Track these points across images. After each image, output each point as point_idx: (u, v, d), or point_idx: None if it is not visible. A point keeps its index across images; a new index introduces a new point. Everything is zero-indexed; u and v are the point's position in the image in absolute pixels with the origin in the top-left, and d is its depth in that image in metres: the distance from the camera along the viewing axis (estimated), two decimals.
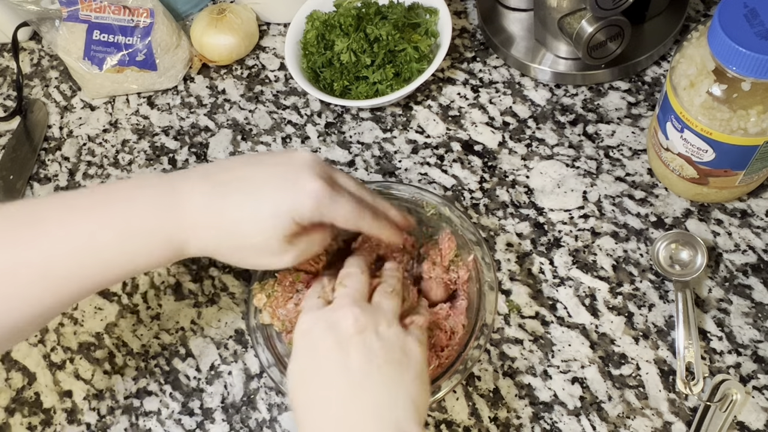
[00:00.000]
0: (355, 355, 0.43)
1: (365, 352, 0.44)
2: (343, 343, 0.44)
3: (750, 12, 0.47)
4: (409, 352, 0.45)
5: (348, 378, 0.43)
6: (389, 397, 0.43)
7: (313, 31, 0.73)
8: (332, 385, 0.43)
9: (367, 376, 0.43)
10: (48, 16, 0.79)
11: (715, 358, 0.56)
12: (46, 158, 0.80)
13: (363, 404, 0.43)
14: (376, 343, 0.44)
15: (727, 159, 0.54)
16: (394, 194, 0.62)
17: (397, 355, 0.44)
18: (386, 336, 0.45)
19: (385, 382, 0.43)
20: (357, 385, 0.43)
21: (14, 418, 0.65)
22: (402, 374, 0.44)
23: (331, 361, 0.44)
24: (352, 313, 0.45)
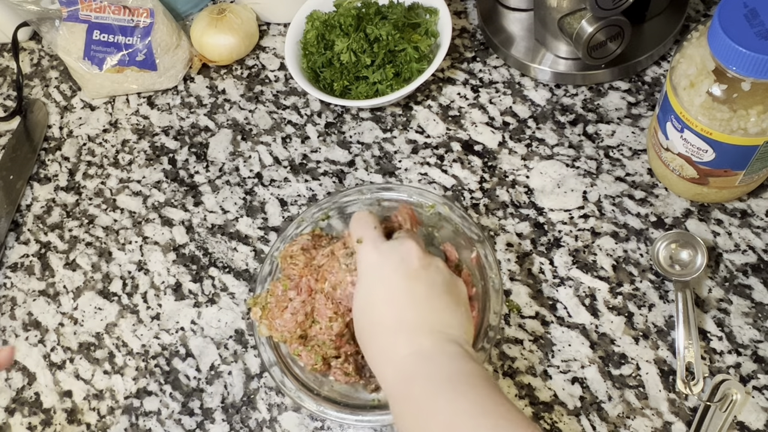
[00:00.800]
0: (422, 286, 0.49)
1: (430, 283, 0.49)
2: (411, 275, 0.49)
3: (750, 12, 0.47)
4: (461, 291, 0.51)
5: (415, 302, 0.48)
6: (448, 316, 0.48)
7: (313, 31, 0.73)
8: (404, 307, 0.48)
9: (430, 300, 0.48)
10: (48, 16, 0.79)
11: (715, 358, 0.56)
12: (46, 158, 0.80)
13: (428, 320, 0.47)
14: (437, 276, 0.50)
15: (727, 159, 0.54)
16: (393, 197, 0.61)
17: (453, 289, 0.50)
18: (444, 272, 0.51)
19: (444, 307, 0.49)
20: (423, 306, 0.48)
21: (14, 418, 0.65)
22: (457, 305, 0.49)
23: (402, 289, 0.48)
24: (416, 250, 0.50)
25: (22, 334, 0.69)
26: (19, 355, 0.68)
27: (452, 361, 0.45)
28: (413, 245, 0.50)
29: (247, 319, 0.65)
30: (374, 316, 0.49)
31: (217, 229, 0.71)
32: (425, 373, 0.45)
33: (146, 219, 0.73)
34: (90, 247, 0.72)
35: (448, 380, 0.44)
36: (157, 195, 0.74)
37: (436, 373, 0.44)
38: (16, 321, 0.70)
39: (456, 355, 0.45)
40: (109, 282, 0.70)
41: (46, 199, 0.77)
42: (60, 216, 0.75)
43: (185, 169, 0.75)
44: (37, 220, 0.75)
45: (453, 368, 0.45)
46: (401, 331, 0.47)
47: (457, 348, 0.46)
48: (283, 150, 0.74)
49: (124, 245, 0.72)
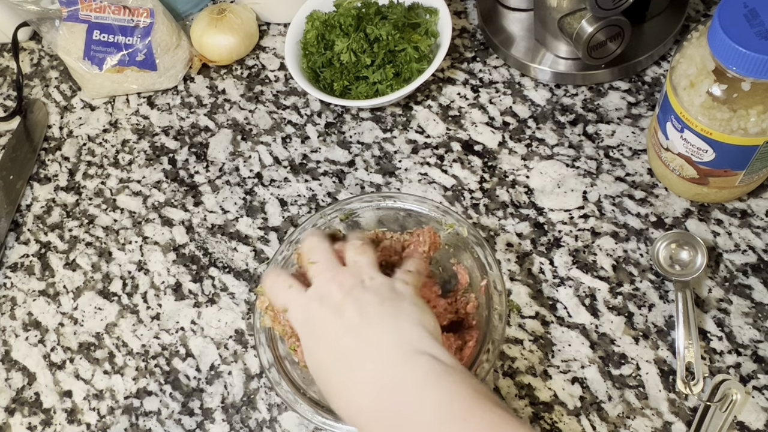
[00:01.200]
0: (351, 313, 0.45)
1: (358, 306, 0.45)
2: (337, 309, 0.45)
3: (750, 12, 0.47)
4: (397, 289, 0.47)
5: (353, 333, 0.44)
6: (394, 327, 0.44)
7: (313, 31, 0.73)
8: (343, 346, 0.44)
9: (368, 322, 0.45)
10: (48, 16, 0.79)
11: (715, 358, 0.56)
12: (46, 158, 0.80)
13: (376, 345, 0.44)
14: (364, 294, 0.46)
15: (727, 159, 0.54)
16: (412, 209, 0.60)
17: (387, 294, 0.46)
18: (372, 285, 0.47)
19: (385, 319, 0.45)
20: (362, 334, 0.44)
21: (14, 418, 0.65)
22: (398, 306, 0.45)
23: (334, 329, 0.45)
24: (335, 281, 0.47)
25: (22, 334, 0.69)
26: (19, 355, 0.68)
27: (422, 375, 0.41)
28: (329, 276, 0.47)
29: (247, 319, 0.65)
30: (326, 375, 0.45)
31: (217, 229, 0.71)
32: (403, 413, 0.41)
33: (146, 219, 0.73)
34: (90, 247, 0.72)
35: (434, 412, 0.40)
36: (157, 195, 0.74)
37: (411, 408, 0.41)
38: (16, 321, 0.70)
39: (423, 365, 0.42)
40: (109, 282, 0.70)
41: (46, 199, 0.77)
42: (60, 216, 0.75)
43: (185, 169, 0.75)
44: (37, 220, 0.75)
45: (423, 382, 0.41)
46: (350, 377, 0.43)
47: (420, 358, 0.42)
48: (283, 150, 0.74)
49: (124, 245, 0.72)
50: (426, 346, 0.43)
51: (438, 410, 0.40)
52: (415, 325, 0.44)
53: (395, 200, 0.60)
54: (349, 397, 0.44)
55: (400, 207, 0.60)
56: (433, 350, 0.43)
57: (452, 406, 0.40)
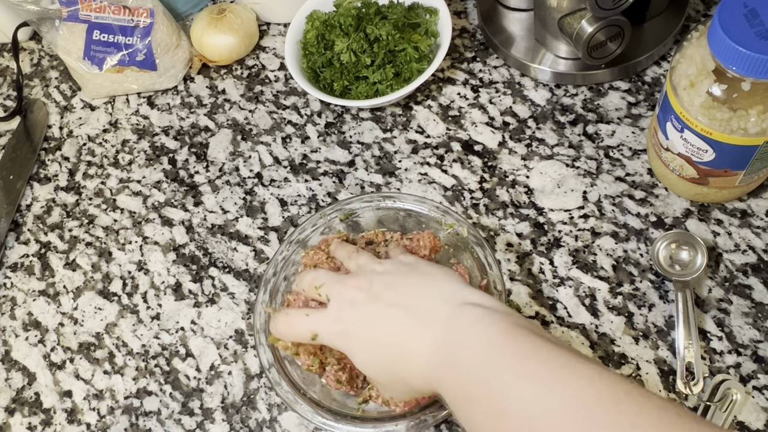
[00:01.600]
0: (386, 294, 0.45)
1: (388, 287, 0.45)
2: (368, 303, 0.45)
3: (750, 12, 0.47)
4: (408, 262, 0.48)
5: (397, 306, 0.44)
6: (430, 289, 0.44)
7: (313, 31, 0.73)
8: (393, 322, 0.44)
9: (400, 296, 0.45)
10: (48, 16, 0.79)
11: (715, 358, 0.56)
12: (46, 158, 0.80)
13: (413, 315, 0.43)
14: (385, 278, 0.46)
15: (727, 159, 0.54)
16: (412, 210, 0.60)
17: (403, 269, 0.47)
18: (385, 269, 0.47)
19: (415, 288, 0.45)
20: (405, 304, 0.44)
21: (14, 418, 0.65)
22: (420, 273, 0.46)
23: (377, 315, 0.45)
24: (351, 286, 0.47)
25: (22, 334, 0.69)
26: (19, 355, 0.68)
27: (471, 325, 0.40)
28: (344, 285, 0.47)
29: (247, 319, 0.65)
30: (385, 366, 0.45)
31: (217, 229, 0.71)
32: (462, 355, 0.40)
33: (146, 219, 0.73)
34: (90, 247, 0.72)
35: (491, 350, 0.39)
36: (157, 195, 0.74)
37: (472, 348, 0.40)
38: (16, 321, 0.70)
39: (471, 316, 0.41)
40: (109, 282, 0.70)
41: (46, 199, 0.77)
42: (60, 216, 0.75)
43: (185, 169, 0.75)
44: (37, 220, 0.75)
45: (475, 331, 0.40)
46: (408, 346, 0.43)
47: (465, 309, 0.41)
48: (283, 150, 0.74)
49: (124, 245, 0.72)
50: (465, 296, 0.43)
51: (487, 346, 0.39)
52: (444, 281, 0.44)
53: (395, 200, 0.60)
54: (411, 365, 0.43)
55: (400, 207, 0.60)
56: (471, 298, 0.43)
57: (496, 341, 0.39)
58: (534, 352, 0.37)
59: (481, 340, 0.39)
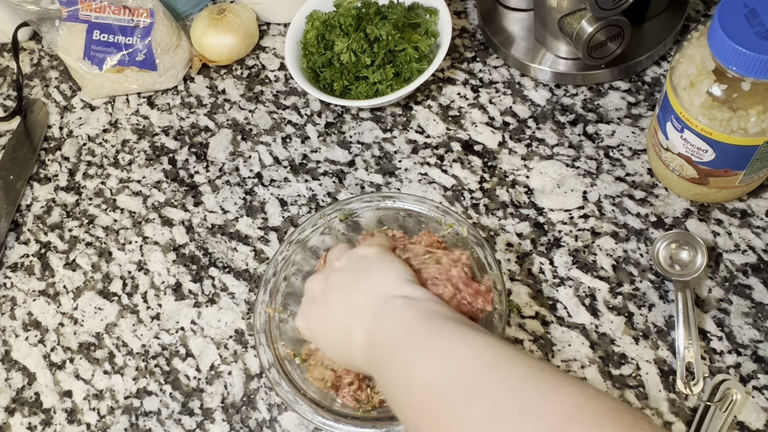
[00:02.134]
0: (331, 295, 0.49)
1: (335, 287, 0.50)
2: (322, 300, 0.50)
3: (750, 12, 0.47)
4: (364, 255, 0.51)
5: (336, 312, 0.49)
6: (366, 287, 0.48)
7: (313, 31, 0.73)
8: (331, 322, 0.49)
9: (346, 295, 0.49)
10: (48, 16, 0.79)
11: (715, 358, 0.56)
12: (46, 158, 0.80)
13: (356, 307, 0.47)
14: (336, 276, 0.50)
15: (727, 159, 0.54)
16: (411, 209, 0.60)
17: (355, 265, 0.50)
18: (341, 265, 0.51)
19: (359, 284, 0.48)
20: (344, 305, 0.48)
21: (14, 418, 0.65)
22: (366, 268, 0.49)
23: (324, 315, 0.50)
24: (316, 280, 0.52)
25: (22, 334, 0.69)
26: (19, 355, 0.68)
27: (395, 319, 0.44)
28: (313, 280, 0.52)
29: (247, 319, 0.65)
30: (340, 355, 0.49)
31: (217, 229, 0.71)
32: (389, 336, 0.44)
33: (146, 219, 0.73)
34: (90, 247, 0.72)
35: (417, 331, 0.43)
36: (157, 195, 0.74)
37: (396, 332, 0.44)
38: (16, 321, 0.70)
39: (395, 309, 0.45)
40: (109, 282, 0.70)
41: (46, 199, 0.77)
42: (60, 216, 0.75)
43: (185, 169, 0.75)
44: (37, 220, 0.75)
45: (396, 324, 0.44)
46: (350, 320, 0.47)
47: (391, 303, 0.45)
48: (283, 150, 0.74)
49: (124, 245, 0.72)
50: (395, 289, 0.46)
51: (404, 329, 0.43)
52: (384, 277, 0.48)
53: (395, 200, 0.60)
54: (354, 353, 0.47)
55: (400, 207, 0.60)
56: (402, 291, 0.46)
57: (412, 325, 0.43)
58: (440, 332, 0.42)
59: (401, 325, 0.44)
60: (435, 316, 0.43)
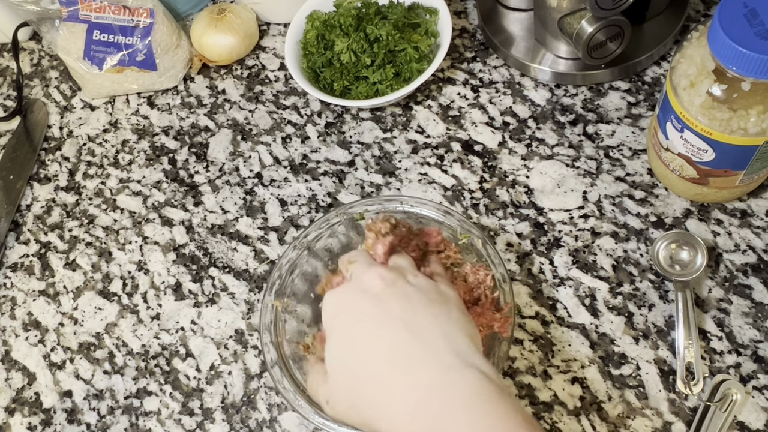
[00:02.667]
0: (395, 304, 0.41)
1: (403, 299, 0.41)
2: (379, 299, 0.41)
3: (750, 12, 0.47)
4: (445, 293, 0.44)
5: (393, 325, 0.40)
6: (445, 332, 0.40)
7: (313, 31, 0.73)
8: (388, 339, 0.40)
9: (414, 316, 0.40)
10: (48, 16, 0.79)
11: (715, 358, 0.56)
12: (46, 158, 0.80)
13: (428, 344, 0.39)
14: (410, 289, 0.42)
15: (727, 159, 0.54)
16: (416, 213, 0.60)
17: (435, 296, 0.43)
18: (418, 283, 0.43)
19: (433, 319, 0.41)
20: (412, 330, 0.40)
21: (14, 418, 0.65)
22: (448, 310, 0.42)
23: (372, 318, 0.41)
24: (377, 273, 0.43)
25: (22, 334, 0.69)
26: (19, 355, 0.68)
27: (472, 394, 0.38)
28: (370, 269, 0.44)
29: (247, 319, 0.65)
30: (355, 372, 0.41)
31: (217, 229, 0.71)
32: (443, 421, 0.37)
33: (146, 219, 0.73)
34: (90, 247, 0.72)
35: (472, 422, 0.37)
36: (157, 195, 0.74)
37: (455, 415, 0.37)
38: (16, 321, 0.70)
39: (474, 383, 0.38)
40: (109, 282, 0.70)
41: (46, 199, 0.77)
42: (60, 216, 0.75)
43: (185, 169, 0.75)
44: (37, 220, 0.75)
45: (474, 402, 0.37)
46: (394, 375, 0.39)
47: (472, 372, 0.38)
48: (283, 150, 0.74)
49: (124, 245, 0.72)
50: (476, 360, 0.40)
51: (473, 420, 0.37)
52: (464, 334, 0.41)
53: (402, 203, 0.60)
54: (387, 397, 0.39)
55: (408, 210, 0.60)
56: (482, 366, 0.39)
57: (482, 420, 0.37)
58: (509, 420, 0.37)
59: (470, 413, 0.37)
60: (526, 423, 0.37)
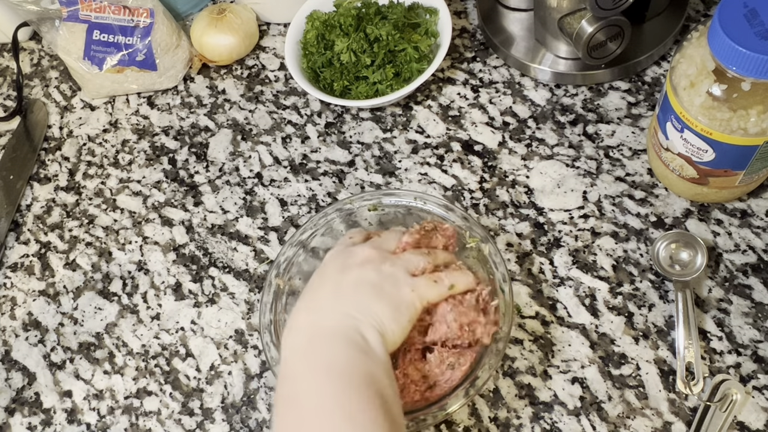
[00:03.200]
0: (350, 276, 0.49)
1: (359, 275, 0.49)
2: (346, 266, 0.50)
3: (750, 12, 0.47)
4: (400, 290, 0.49)
5: (335, 285, 0.49)
6: (359, 305, 0.47)
7: (313, 31, 0.73)
8: (322, 286, 0.49)
9: (350, 289, 0.48)
10: (48, 16, 0.79)
11: (715, 358, 0.56)
12: (46, 158, 0.80)
13: (335, 304, 0.48)
14: (372, 274, 0.49)
15: (727, 159, 0.54)
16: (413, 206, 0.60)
17: (385, 287, 0.48)
18: (385, 272, 0.49)
19: (361, 298, 0.47)
20: (338, 292, 0.48)
21: (14, 418, 0.65)
22: (380, 298, 0.48)
23: (331, 273, 0.50)
24: (368, 251, 0.50)
25: (22, 334, 0.69)
26: (19, 355, 0.68)
27: (343, 350, 0.45)
28: (368, 249, 0.51)
29: (247, 319, 0.65)
30: (303, 295, 0.50)
31: (217, 229, 0.71)
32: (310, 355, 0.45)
33: (146, 219, 0.73)
34: (90, 247, 0.72)
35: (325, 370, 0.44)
36: (157, 195, 0.74)
37: (319, 358, 0.44)
38: (16, 321, 0.70)
39: (350, 345, 0.45)
40: (109, 282, 0.70)
41: (46, 199, 0.77)
42: (60, 216, 0.75)
43: (185, 169, 0.75)
44: (37, 220, 0.75)
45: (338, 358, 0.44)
46: (309, 309, 0.48)
47: (357, 337, 0.45)
48: (283, 150, 0.74)
49: (124, 245, 0.72)
50: (366, 330, 0.46)
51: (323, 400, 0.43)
52: (374, 317, 0.47)
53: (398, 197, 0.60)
54: (293, 323, 0.48)
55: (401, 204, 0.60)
56: (368, 335, 0.46)
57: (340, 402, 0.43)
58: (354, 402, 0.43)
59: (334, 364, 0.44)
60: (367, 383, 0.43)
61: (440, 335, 0.51)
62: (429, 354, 0.52)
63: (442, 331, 0.51)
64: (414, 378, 0.52)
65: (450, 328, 0.51)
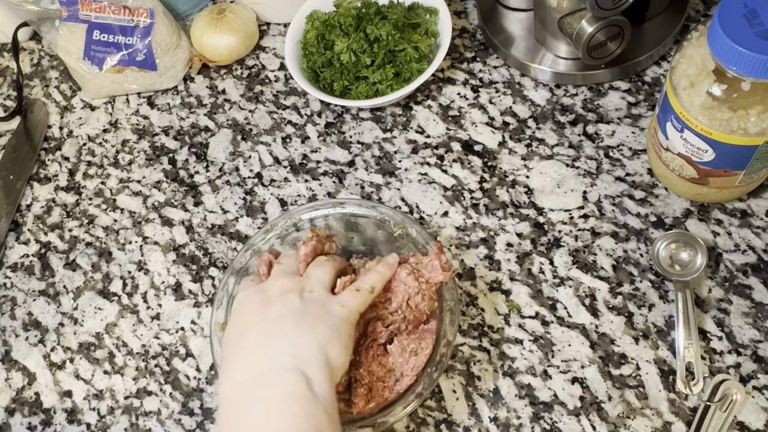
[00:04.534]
0: (274, 308, 0.48)
1: (284, 306, 0.48)
2: (266, 302, 0.48)
3: (750, 12, 0.47)
4: (329, 309, 0.48)
5: (262, 323, 0.47)
6: (294, 339, 0.46)
7: (313, 31, 0.73)
8: (248, 330, 0.48)
9: (279, 322, 0.47)
10: (48, 16, 0.79)
11: (715, 358, 0.56)
12: (46, 158, 0.80)
13: (267, 343, 0.46)
14: (297, 301, 0.48)
15: (727, 159, 0.54)
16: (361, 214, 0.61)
17: (314, 311, 0.48)
18: (309, 298, 0.49)
19: (295, 329, 0.46)
20: (267, 328, 0.47)
21: (14, 418, 0.65)
22: (316, 324, 0.47)
23: (253, 313, 0.49)
24: (280, 281, 0.50)
25: (22, 334, 0.69)
26: (19, 355, 0.68)
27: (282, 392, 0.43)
28: (280, 277, 0.50)
29: None
30: (226, 347, 0.49)
31: (217, 229, 0.71)
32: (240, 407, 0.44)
33: (146, 219, 0.73)
34: (90, 247, 0.72)
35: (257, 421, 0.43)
36: (157, 195, 0.74)
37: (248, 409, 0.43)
38: (16, 321, 0.70)
39: (290, 384, 0.44)
40: (109, 282, 0.70)
41: (46, 199, 0.77)
42: (60, 216, 0.75)
43: (185, 169, 0.75)
44: (37, 220, 0.75)
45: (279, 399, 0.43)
46: (237, 358, 0.47)
47: (296, 375, 0.44)
48: (283, 150, 0.74)
49: (124, 245, 0.72)
50: (309, 368, 0.44)
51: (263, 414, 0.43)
52: (314, 347, 0.45)
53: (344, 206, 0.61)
54: (225, 378, 0.46)
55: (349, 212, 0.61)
56: (312, 374, 0.44)
57: None
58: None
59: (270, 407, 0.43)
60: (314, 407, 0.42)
61: (402, 296, 0.53)
62: (389, 345, 0.54)
63: (402, 290, 0.53)
64: (380, 375, 0.53)
65: (408, 285, 0.53)
